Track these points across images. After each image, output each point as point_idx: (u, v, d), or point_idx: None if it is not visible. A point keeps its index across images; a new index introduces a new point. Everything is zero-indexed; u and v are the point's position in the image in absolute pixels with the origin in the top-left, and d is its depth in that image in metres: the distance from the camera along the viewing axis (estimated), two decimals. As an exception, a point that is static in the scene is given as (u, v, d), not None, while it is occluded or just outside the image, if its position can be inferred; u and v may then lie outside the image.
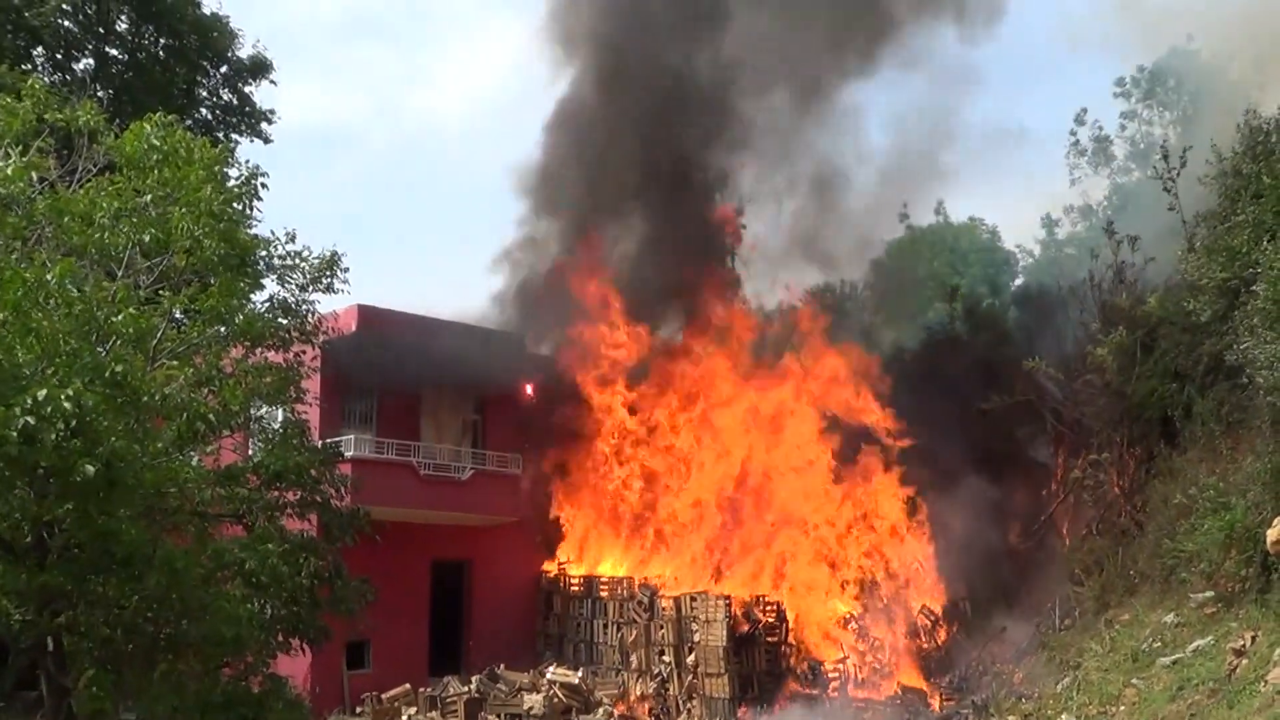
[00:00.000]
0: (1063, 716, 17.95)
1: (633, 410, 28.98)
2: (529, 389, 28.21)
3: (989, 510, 26.42)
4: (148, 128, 14.36)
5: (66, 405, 10.72)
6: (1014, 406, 26.48)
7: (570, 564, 28.36)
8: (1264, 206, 18.67)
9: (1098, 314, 24.31)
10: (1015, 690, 21.49)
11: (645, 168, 29.56)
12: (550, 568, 28.23)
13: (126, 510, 12.07)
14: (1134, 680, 17.75)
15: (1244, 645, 15.58)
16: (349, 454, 22.89)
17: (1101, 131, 47.20)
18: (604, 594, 26.65)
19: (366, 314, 24.61)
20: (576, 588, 27.47)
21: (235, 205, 14.85)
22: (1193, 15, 38.38)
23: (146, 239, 13.80)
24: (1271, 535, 15.90)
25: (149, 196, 13.92)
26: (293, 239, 16.16)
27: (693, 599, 24.78)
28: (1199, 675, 16.13)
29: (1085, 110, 47.90)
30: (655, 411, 29.09)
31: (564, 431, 27.99)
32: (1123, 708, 17.17)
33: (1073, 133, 47.45)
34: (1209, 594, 17.86)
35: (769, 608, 25.70)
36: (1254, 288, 17.60)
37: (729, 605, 24.27)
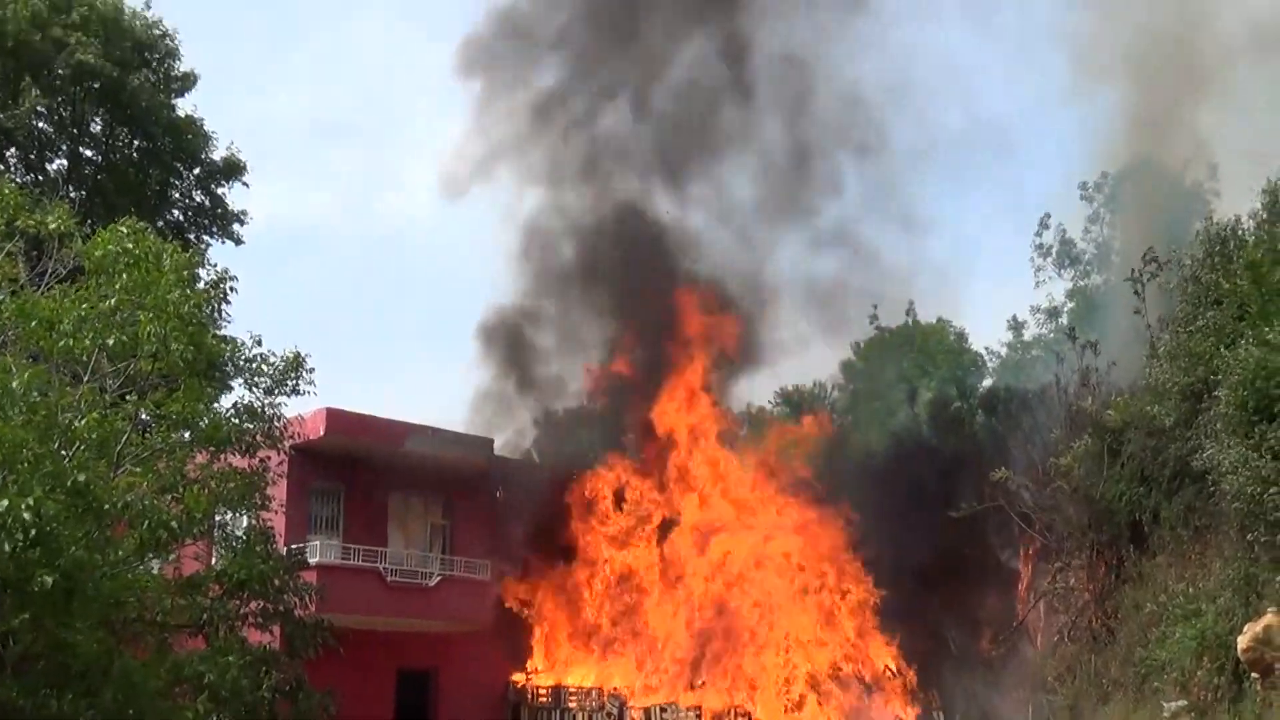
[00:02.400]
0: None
1: (606, 520, 28.77)
2: (499, 493, 27.97)
3: (961, 616, 26.25)
4: (122, 230, 14.41)
5: (26, 515, 10.58)
6: (984, 511, 26.46)
7: (539, 673, 27.85)
8: (1224, 312, 18.97)
9: (1064, 419, 24.45)
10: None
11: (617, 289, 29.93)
12: (519, 677, 27.72)
13: (84, 621, 11.82)
14: (1110, 791, 17.53)
15: (1219, 756, 15.44)
16: (314, 560, 22.55)
17: (1065, 235, 48.01)
18: (572, 704, 26.17)
19: (334, 417, 24.43)
20: (544, 698, 26.95)
21: (204, 309, 14.84)
22: (1152, 126, 39.29)
23: (111, 343, 13.74)
24: (1242, 643, 15.82)
25: (113, 300, 13.89)
26: (259, 342, 16.13)
27: (663, 709, 24.38)
28: (1175, 786, 15.95)
29: (1049, 215, 48.75)
30: (630, 522, 28.87)
31: (535, 538, 27.70)
32: (1099, 820, 16.93)
33: (1038, 234, 48.24)
34: (1182, 703, 17.69)
35: (741, 718, 25.28)
36: (1216, 393, 17.79)
37: (699, 716, 23.86)
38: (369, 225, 79.07)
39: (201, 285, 15.97)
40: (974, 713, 25.94)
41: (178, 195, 31.80)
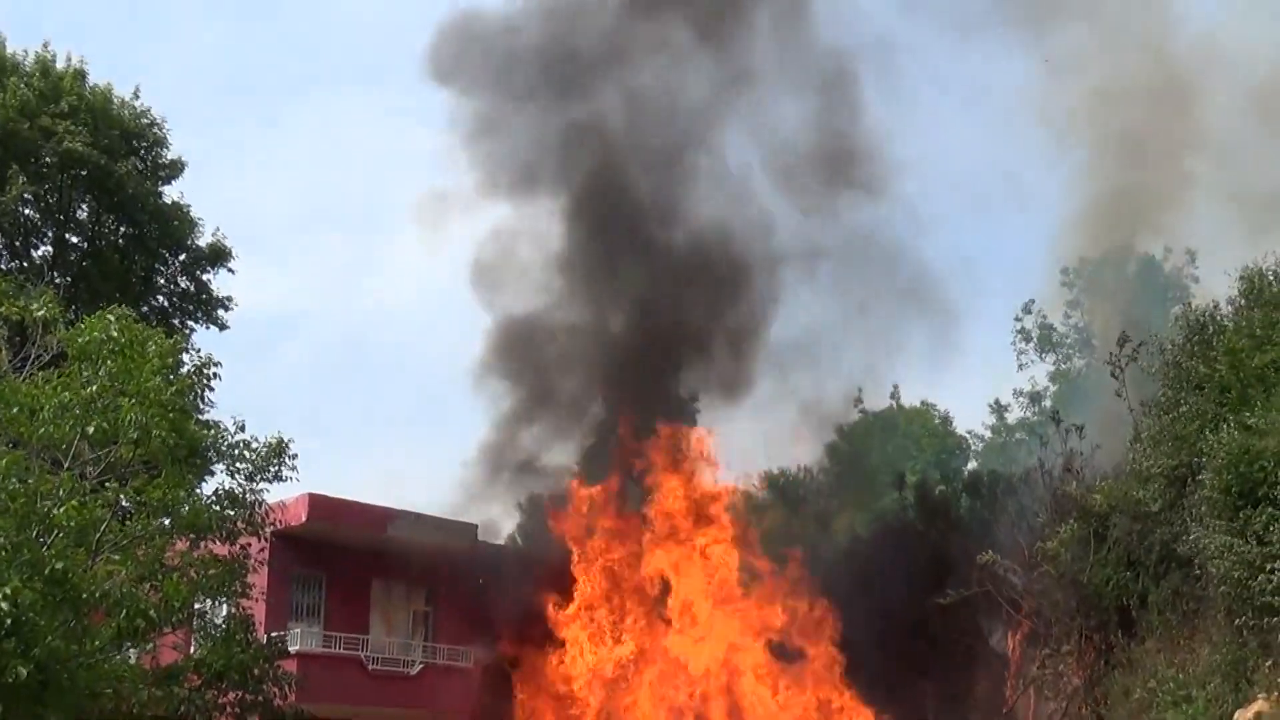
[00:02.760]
0: None
1: (590, 608, 28.41)
2: (481, 580, 27.68)
3: (949, 704, 25.94)
4: (110, 319, 14.42)
5: (3, 604, 10.44)
6: (971, 596, 26.27)
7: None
8: (1206, 397, 19.10)
9: (1049, 504, 24.41)
10: None
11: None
12: (503, 770, 27.19)
13: (59, 714, 11.61)
14: None
15: (1214, 847, 15.22)
16: (295, 648, 22.26)
17: (1045, 319, 48.42)
18: (557, 795, 25.65)
19: (316, 503, 24.28)
20: (529, 788, 26.44)
21: (186, 395, 14.79)
22: (1131, 212, 40.03)
23: (91, 430, 13.67)
24: (1234, 731, 15.71)
25: (94, 387, 13.84)
26: (242, 428, 16.06)
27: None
28: None
29: (1033, 301, 49.21)
30: (613, 613, 28.51)
31: (518, 626, 27.34)
32: None
33: (1018, 319, 48.63)
34: (1176, 792, 17.50)
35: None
36: (1200, 477, 17.85)
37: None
38: (353, 310, 79.33)
39: (185, 371, 15.92)
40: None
41: (163, 281, 31.78)
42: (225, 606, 17.26)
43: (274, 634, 20.23)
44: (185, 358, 17.18)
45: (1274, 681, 16.04)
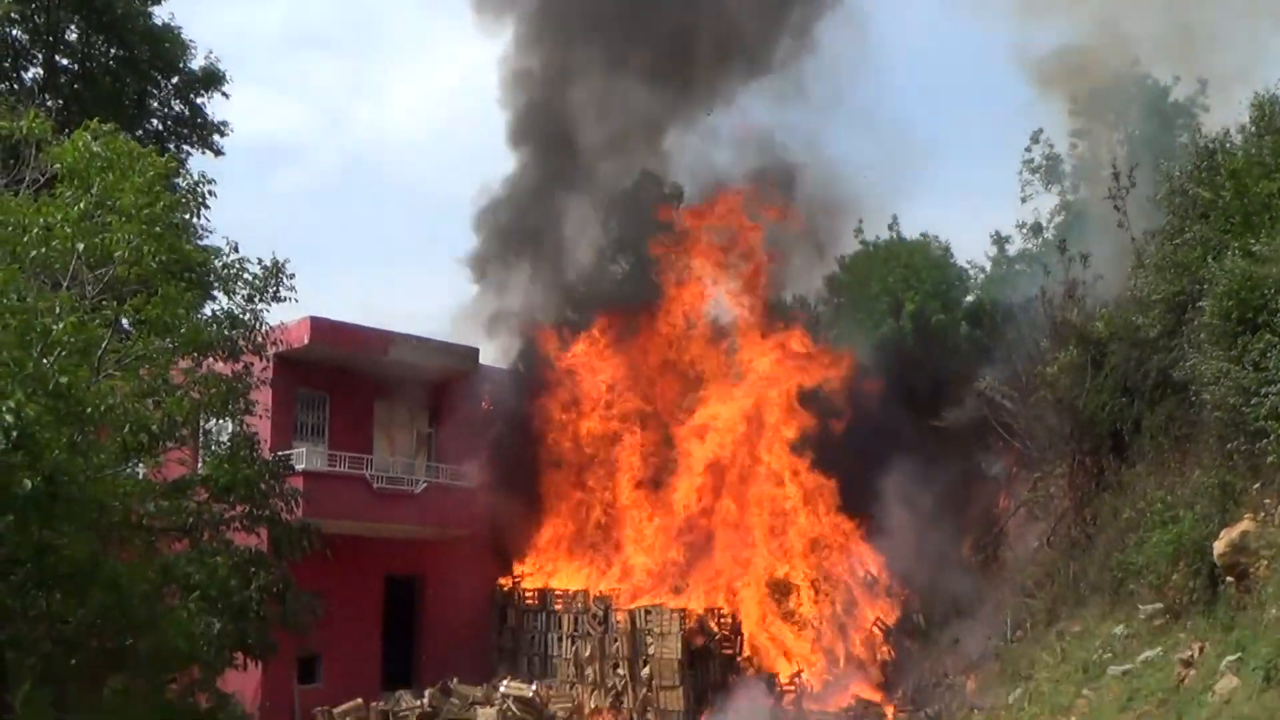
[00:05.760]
0: (1015, 727, 18.04)
1: (590, 423, 28.94)
2: (484, 402, 28.06)
3: (942, 524, 26.55)
4: (88, 136, 14.20)
5: (8, 417, 10.56)
6: (967, 422, 26.63)
7: (525, 577, 28.18)
8: (1210, 224, 18.95)
9: (1049, 330, 24.50)
10: (968, 701, 21.57)
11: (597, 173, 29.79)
12: (505, 581, 28.05)
13: (69, 524, 11.85)
14: (1084, 691, 17.87)
15: (1192, 656, 15.73)
16: (300, 467, 22.68)
17: (1052, 149, 47.69)
18: (558, 607, 26.51)
19: (318, 326, 24.40)
20: (531, 601, 27.31)
21: (178, 214, 14.68)
22: (1143, 39, 38.91)
23: (81, 248, 13.60)
24: (1219, 548, 16.04)
25: (81, 205, 13.72)
26: (235, 249, 15.98)
27: (647, 612, 24.71)
28: (1148, 686, 16.26)
29: (1041, 130, 48.35)
30: (613, 424, 29.04)
31: (520, 443, 27.85)
32: (1074, 717, 17.29)
33: (1028, 149, 47.89)
34: (1158, 606, 18.00)
35: (724, 621, 25.66)
36: (1200, 304, 17.85)
37: (684, 619, 24.21)
38: (349, 137, 78.32)
39: (179, 190, 15.80)
40: (953, 616, 26.35)
41: (156, 105, 31.41)
42: (230, 425, 17.48)
43: (279, 453, 20.58)
44: (180, 181, 17.04)
45: (1261, 503, 16.35)
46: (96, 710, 13.77)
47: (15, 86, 28.43)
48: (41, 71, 29.38)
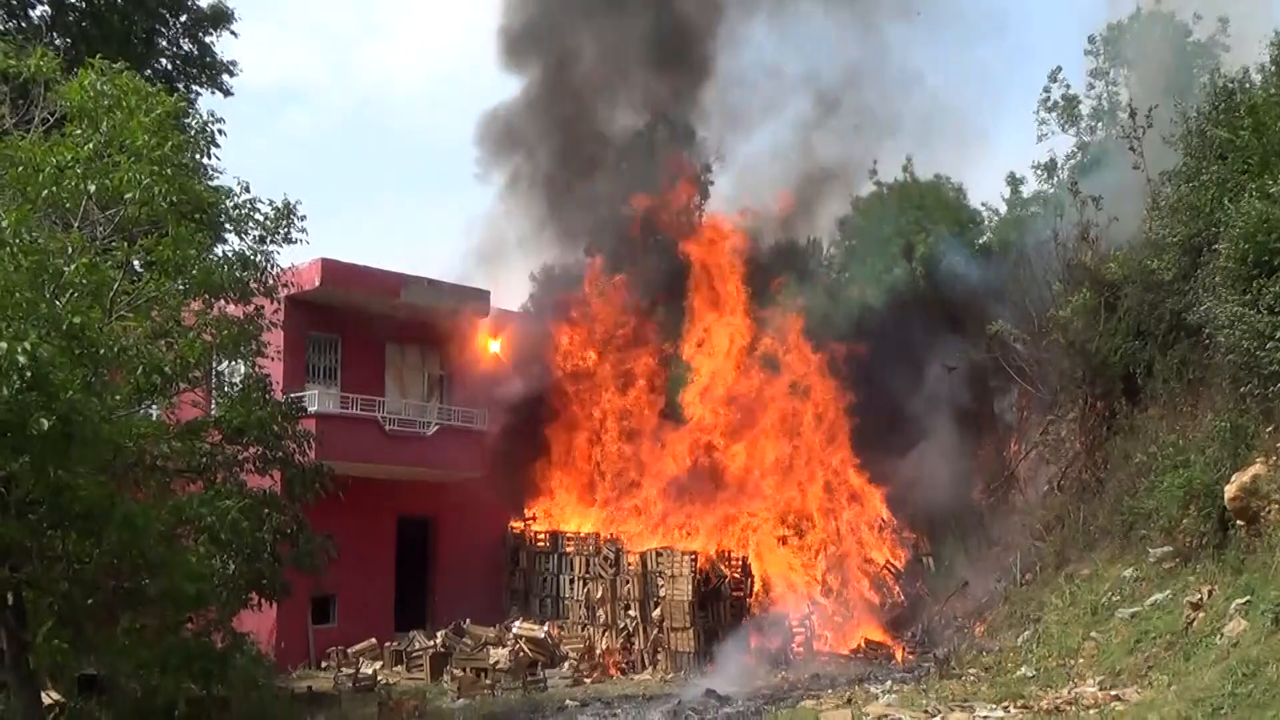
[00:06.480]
0: (1023, 669, 18.17)
1: (600, 368, 29.00)
2: (495, 346, 28.07)
3: (953, 466, 26.60)
4: (92, 75, 14.08)
5: (22, 358, 10.55)
6: (980, 364, 26.60)
7: (537, 520, 28.35)
8: (1229, 166, 18.72)
9: (1062, 273, 24.36)
10: (977, 643, 21.73)
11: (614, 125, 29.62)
12: (517, 524, 28.22)
13: (84, 465, 11.89)
14: (1093, 633, 18.00)
15: (1200, 599, 15.81)
16: (312, 409, 22.74)
17: (1069, 90, 47.11)
18: (570, 549, 26.67)
19: (330, 268, 24.36)
20: (543, 543, 27.48)
21: (185, 152, 14.58)
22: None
23: (93, 189, 13.53)
24: (1230, 492, 16.07)
25: (90, 145, 13.63)
26: (246, 189, 15.88)
27: (658, 554, 24.85)
28: (1156, 628, 16.37)
29: (1060, 68, 47.73)
30: (624, 369, 29.10)
31: (532, 389, 27.90)
32: (1082, 660, 17.41)
33: (1046, 89, 47.31)
34: (1167, 549, 18.07)
35: (734, 563, 25.82)
36: (1216, 247, 17.70)
37: (694, 560, 24.35)
38: (357, 77, 77.72)
39: (189, 130, 15.70)
40: (962, 559, 26.50)
41: (165, 44, 31.12)
42: (243, 366, 17.48)
43: (291, 395, 20.60)
44: (189, 122, 16.91)
45: (1272, 446, 16.34)
46: (113, 649, 13.93)
47: (23, 25, 28.19)
48: (49, 9, 29.11)
